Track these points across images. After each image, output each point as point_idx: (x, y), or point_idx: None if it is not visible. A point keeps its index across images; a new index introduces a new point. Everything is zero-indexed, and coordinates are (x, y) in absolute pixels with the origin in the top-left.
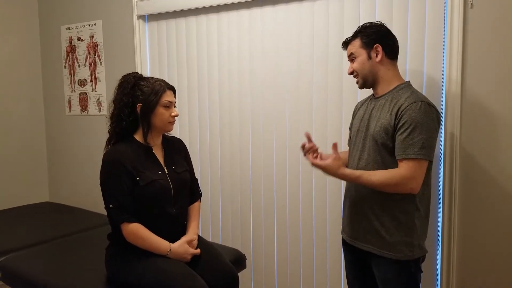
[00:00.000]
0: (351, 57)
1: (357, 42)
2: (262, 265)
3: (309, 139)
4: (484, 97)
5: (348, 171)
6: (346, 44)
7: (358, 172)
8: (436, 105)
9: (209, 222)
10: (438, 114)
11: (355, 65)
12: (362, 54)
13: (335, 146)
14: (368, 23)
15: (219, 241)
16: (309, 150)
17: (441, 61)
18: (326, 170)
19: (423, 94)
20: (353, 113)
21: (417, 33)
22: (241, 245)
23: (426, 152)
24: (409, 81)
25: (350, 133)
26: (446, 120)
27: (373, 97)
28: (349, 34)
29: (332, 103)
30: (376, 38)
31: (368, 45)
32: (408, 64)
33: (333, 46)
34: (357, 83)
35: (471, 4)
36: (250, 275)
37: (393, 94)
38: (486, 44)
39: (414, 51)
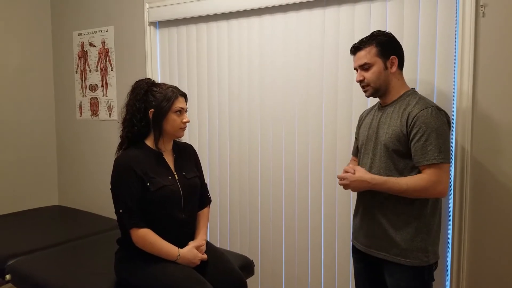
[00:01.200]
0: (365, 66)
1: (372, 50)
2: (270, 271)
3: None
4: (495, 108)
5: (375, 176)
6: (356, 49)
7: (384, 178)
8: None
9: (217, 227)
10: (448, 118)
11: (369, 75)
12: (378, 64)
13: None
14: (378, 31)
15: (227, 247)
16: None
17: (452, 71)
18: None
19: (432, 101)
20: (359, 122)
21: (428, 43)
22: (249, 251)
23: (445, 155)
24: (414, 88)
25: (357, 142)
26: (457, 131)
27: (379, 106)
28: None
29: (342, 109)
30: (392, 49)
31: (384, 55)
32: (419, 75)
33: (343, 53)
34: (365, 91)
35: (483, 13)
36: (258, 282)
37: (400, 102)
38: (498, 55)
39: (425, 62)
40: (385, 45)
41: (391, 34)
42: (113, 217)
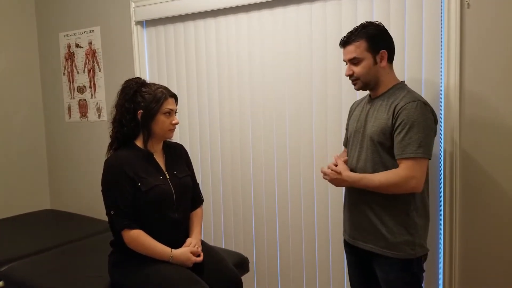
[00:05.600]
0: (354, 60)
1: (362, 45)
2: (265, 268)
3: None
4: (483, 97)
5: (352, 173)
6: (346, 43)
7: (359, 175)
8: (434, 107)
9: (211, 226)
10: (434, 113)
11: (359, 69)
12: (367, 59)
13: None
14: (368, 22)
15: (222, 245)
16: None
17: (439, 62)
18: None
19: (420, 94)
20: (349, 113)
21: (415, 35)
22: (243, 248)
23: (424, 150)
24: (403, 81)
25: (347, 133)
26: (446, 121)
27: (369, 98)
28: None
29: (332, 104)
30: (382, 43)
31: (374, 50)
32: (407, 66)
33: (331, 48)
34: (354, 84)
35: (468, 4)
36: (253, 279)
37: (389, 95)
38: (483, 44)
39: (412, 54)
40: (375, 39)
41: (381, 26)
42: (105, 219)
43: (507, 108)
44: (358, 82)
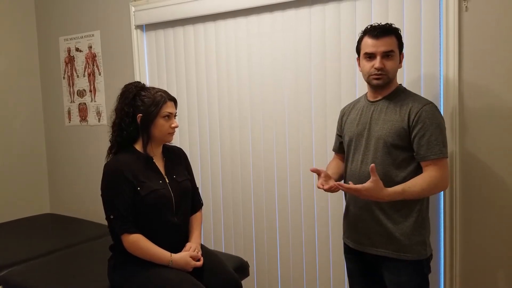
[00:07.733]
0: (390, 54)
1: (394, 40)
2: (265, 272)
3: (317, 172)
4: (482, 97)
5: (391, 190)
6: (385, 33)
7: (399, 188)
8: None
9: (211, 230)
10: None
11: (391, 64)
12: (397, 56)
13: (373, 168)
14: (391, 24)
15: (222, 249)
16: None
17: (438, 64)
18: (367, 192)
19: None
20: (342, 118)
21: (413, 38)
22: (243, 252)
23: (446, 150)
24: (401, 84)
25: (340, 139)
26: (445, 120)
27: (368, 101)
28: (346, 38)
29: (331, 105)
30: (403, 45)
31: (400, 49)
32: (406, 71)
33: (330, 51)
34: (377, 79)
35: (466, 7)
36: (254, 283)
37: (394, 97)
38: (482, 47)
39: (410, 59)
40: (401, 39)
41: None
42: (106, 223)
43: (507, 107)
44: (384, 77)
